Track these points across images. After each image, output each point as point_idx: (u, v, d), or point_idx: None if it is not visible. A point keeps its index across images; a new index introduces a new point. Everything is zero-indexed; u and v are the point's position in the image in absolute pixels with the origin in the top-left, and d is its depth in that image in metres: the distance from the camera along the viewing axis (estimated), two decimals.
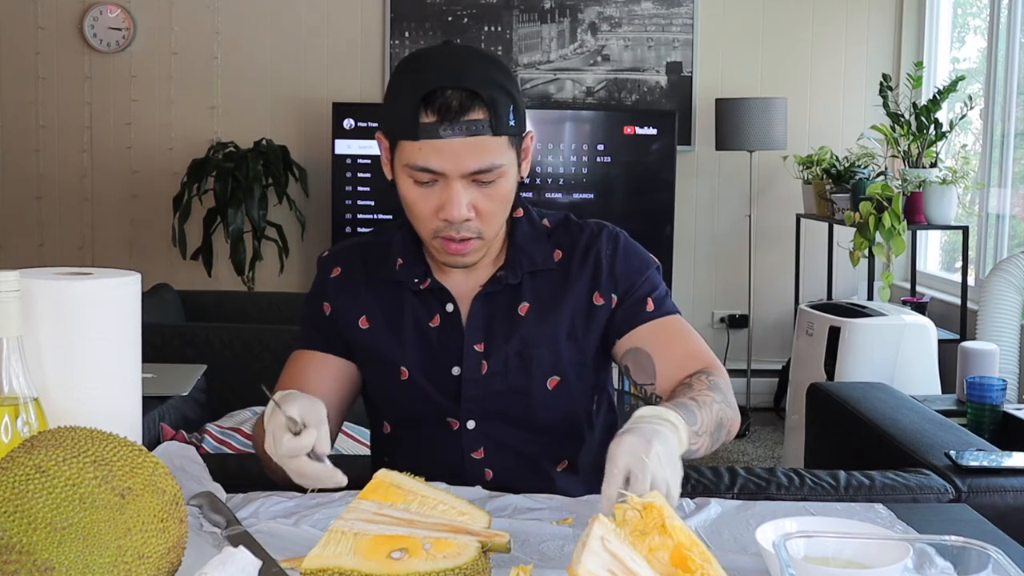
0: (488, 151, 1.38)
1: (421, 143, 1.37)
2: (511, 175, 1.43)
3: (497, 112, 1.37)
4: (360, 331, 1.55)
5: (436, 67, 1.38)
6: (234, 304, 4.10)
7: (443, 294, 1.53)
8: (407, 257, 1.55)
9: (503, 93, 1.38)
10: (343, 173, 4.78)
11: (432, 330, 1.52)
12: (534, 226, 1.56)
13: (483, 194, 1.41)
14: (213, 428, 2.70)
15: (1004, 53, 4.30)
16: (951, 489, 1.84)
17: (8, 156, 5.13)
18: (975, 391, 2.66)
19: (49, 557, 0.94)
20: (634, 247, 1.58)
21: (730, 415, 1.43)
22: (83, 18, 5.00)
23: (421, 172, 1.40)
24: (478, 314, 1.52)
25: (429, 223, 1.44)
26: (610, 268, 1.53)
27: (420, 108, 1.36)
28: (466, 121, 1.36)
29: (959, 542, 1.07)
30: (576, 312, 1.52)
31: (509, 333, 1.51)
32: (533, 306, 1.52)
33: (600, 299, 1.52)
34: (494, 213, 1.44)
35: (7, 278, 1.14)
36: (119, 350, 1.27)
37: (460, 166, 1.38)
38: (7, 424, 1.12)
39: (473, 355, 1.51)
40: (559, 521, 1.29)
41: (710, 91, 5.05)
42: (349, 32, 5.08)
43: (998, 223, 4.34)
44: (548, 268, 1.53)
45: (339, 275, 1.59)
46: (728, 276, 5.20)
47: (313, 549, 1.08)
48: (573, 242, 1.56)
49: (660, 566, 1.03)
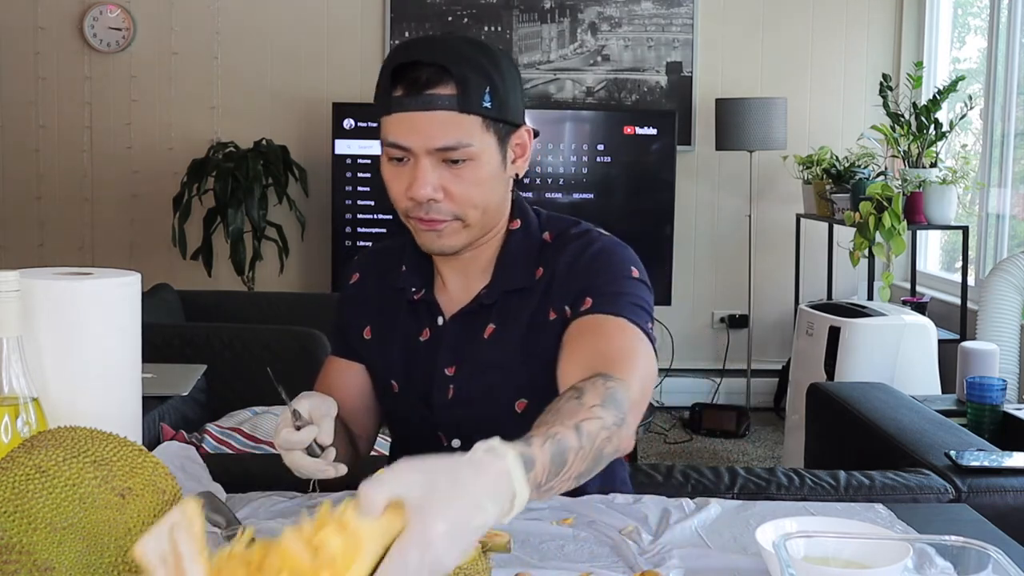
0: (455, 128, 1.34)
1: (392, 117, 1.36)
2: (487, 160, 1.37)
3: (467, 89, 1.33)
4: (364, 342, 1.54)
5: (414, 44, 1.38)
6: (234, 304, 4.10)
7: (434, 307, 1.49)
8: (411, 263, 1.51)
9: (478, 72, 1.34)
10: (343, 173, 4.79)
11: (420, 345, 1.49)
12: (530, 240, 1.48)
13: (453, 175, 1.36)
14: (213, 428, 2.70)
15: (1004, 53, 4.30)
16: (951, 489, 1.84)
17: (8, 156, 5.13)
18: (975, 391, 2.66)
19: (49, 557, 0.94)
20: (607, 256, 1.43)
21: (614, 433, 1.12)
22: (83, 18, 5.00)
23: (392, 148, 1.37)
24: (452, 335, 1.46)
25: (400, 202, 1.40)
26: (564, 279, 1.42)
27: (391, 81, 1.35)
28: (432, 95, 1.33)
29: (959, 542, 1.07)
30: (532, 330, 1.43)
31: (475, 357, 1.45)
32: (497, 328, 1.44)
33: (553, 314, 1.42)
34: (468, 196, 1.37)
35: (7, 278, 1.14)
36: (119, 350, 1.27)
37: (426, 141, 1.34)
38: (7, 424, 1.12)
39: (442, 379, 1.46)
40: (559, 521, 1.29)
41: (710, 91, 5.05)
42: (349, 32, 5.08)
43: (998, 223, 4.34)
44: (526, 287, 1.44)
45: (356, 282, 1.59)
46: (728, 276, 5.20)
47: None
48: (556, 258, 1.45)
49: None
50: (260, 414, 2.82)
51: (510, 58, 1.43)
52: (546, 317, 1.42)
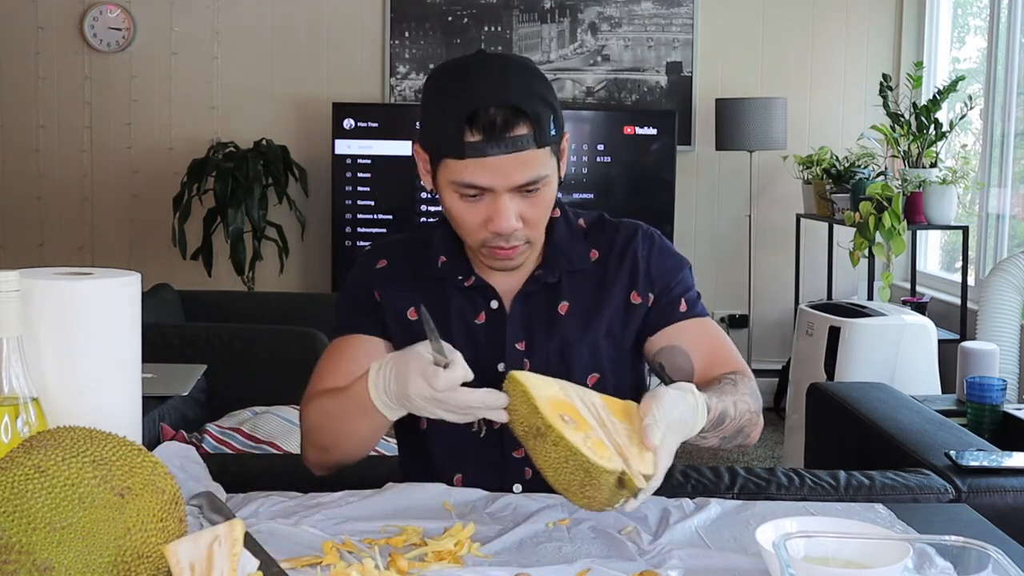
0: (534, 164, 1.40)
1: (467, 161, 1.39)
2: (554, 181, 1.46)
3: (540, 125, 1.39)
4: (410, 322, 1.56)
5: (478, 83, 1.39)
6: (234, 304, 4.10)
7: (488, 291, 1.55)
8: (449, 254, 1.56)
9: (544, 104, 1.40)
10: (343, 173, 4.79)
11: (478, 327, 1.55)
12: (571, 226, 1.59)
13: (529, 203, 1.44)
14: (213, 428, 2.70)
15: (1004, 53, 4.30)
16: (951, 489, 1.84)
17: (8, 156, 5.13)
18: (975, 391, 2.66)
19: (49, 557, 0.94)
20: (668, 247, 1.61)
21: (754, 420, 1.47)
22: (83, 18, 5.00)
23: (468, 188, 1.41)
24: (519, 313, 1.54)
25: (478, 234, 1.46)
26: (647, 267, 1.56)
27: (465, 127, 1.37)
28: (511, 138, 1.37)
29: (959, 542, 1.07)
30: (615, 311, 1.55)
31: (550, 332, 1.54)
32: (573, 306, 1.55)
33: (638, 298, 1.55)
34: (540, 220, 1.48)
35: (7, 278, 1.14)
36: (119, 350, 1.27)
37: (508, 181, 1.40)
38: (7, 424, 1.12)
39: (515, 353, 1.53)
40: (557, 522, 1.29)
41: (710, 91, 5.05)
42: (349, 32, 5.08)
43: (998, 223, 4.34)
44: (585, 268, 1.56)
45: (386, 267, 1.60)
46: (728, 276, 5.20)
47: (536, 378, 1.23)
48: (609, 242, 1.59)
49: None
50: (260, 414, 2.81)
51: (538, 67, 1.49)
52: (628, 300, 1.55)
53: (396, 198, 4.85)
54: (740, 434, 1.43)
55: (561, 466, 1.16)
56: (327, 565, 1.14)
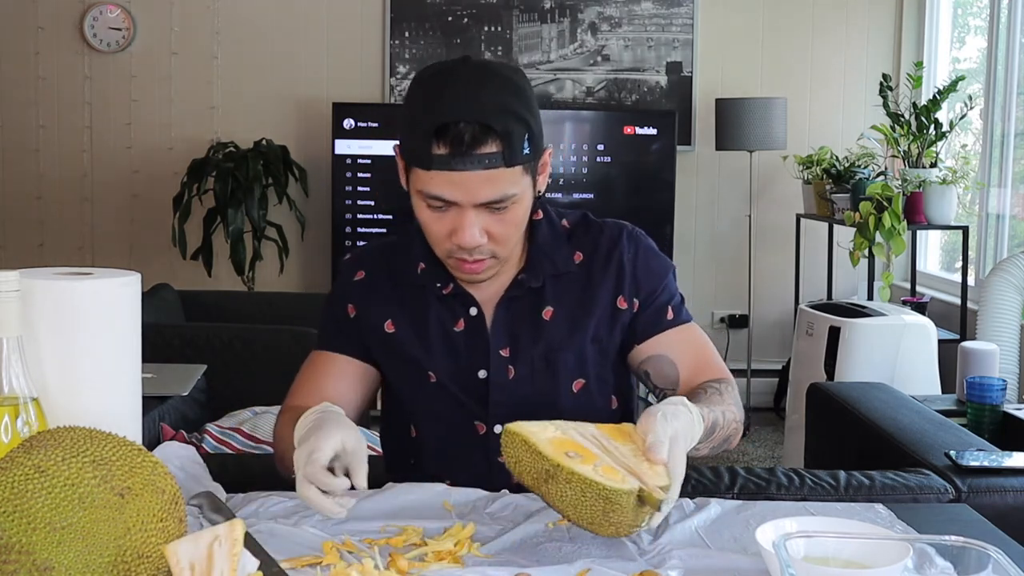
0: (501, 183, 1.38)
1: (433, 173, 1.38)
2: (525, 199, 1.43)
3: (511, 144, 1.36)
4: (386, 334, 1.56)
5: (451, 95, 1.36)
6: (234, 304, 4.10)
7: (466, 298, 1.54)
8: (428, 261, 1.55)
9: (518, 122, 1.37)
10: (343, 173, 4.78)
11: (457, 334, 1.53)
12: (554, 228, 1.57)
13: (496, 219, 1.42)
14: (213, 428, 2.70)
15: (1004, 53, 4.30)
16: (951, 489, 1.84)
17: (8, 156, 5.13)
18: (975, 391, 2.66)
19: (49, 557, 0.94)
20: (654, 250, 1.60)
21: (739, 428, 1.49)
22: (83, 18, 5.00)
23: (434, 199, 1.40)
24: (502, 319, 1.53)
25: (443, 244, 1.45)
26: (632, 271, 1.55)
27: (433, 139, 1.35)
28: (479, 155, 1.35)
29: (959, 542, 1.07)
30: (600, 316, 1.54)
31: (535, 337, 1.52)
32: (558, 311, 1.53)
33: (624, 303, 1.54)
34: (507, 236, 1.44)
35: (7, 278, 1.14)
36: (119, 350, 1.27)
37: (473, 197, 1.38)
38: (7, 424, 1.12)
39: (499, 360, 1.52)
40: (554, 523, 1.29)
41: (710, 91, 5.05)
42: (349, 32, 5.07)
43: (998, 223, 4.33)
44: (569, 271, 1.55)
45: (363, 278, 1.60)
46: (728, 276, 5.20)
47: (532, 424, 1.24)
48: (594, 243, 1.57)
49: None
50: (260, 414, 2.82)
51: (525, 78, 1.45)
52: (614, 305, 1.54)
53: (396, 198, 4.83)
54: (726, 442, 1.46)
55: (580, 501, 1.17)
56: (327, 565, 1.14)
